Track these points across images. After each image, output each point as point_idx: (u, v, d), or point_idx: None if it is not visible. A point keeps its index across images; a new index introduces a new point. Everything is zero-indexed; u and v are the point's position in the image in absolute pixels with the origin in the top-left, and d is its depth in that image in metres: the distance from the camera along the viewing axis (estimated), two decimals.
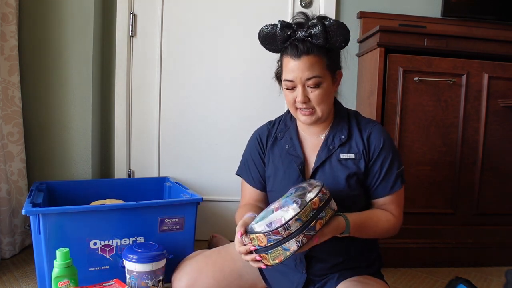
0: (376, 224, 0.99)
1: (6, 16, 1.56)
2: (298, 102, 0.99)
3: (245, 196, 1.18)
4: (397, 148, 1.09)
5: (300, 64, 0.95)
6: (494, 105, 1.65)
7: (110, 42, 1.88)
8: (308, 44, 0.95)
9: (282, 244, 0.81)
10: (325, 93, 0.98)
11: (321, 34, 0.93)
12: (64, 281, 1.05)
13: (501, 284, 1.51)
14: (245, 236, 0.86)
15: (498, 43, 1.64)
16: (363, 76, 1.81)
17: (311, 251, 1.02)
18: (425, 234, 1.66)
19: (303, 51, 0.95)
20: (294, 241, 0.80)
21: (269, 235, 0.81)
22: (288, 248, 0.81)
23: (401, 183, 1.03)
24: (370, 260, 1.08)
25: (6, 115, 1.59)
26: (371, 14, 1.88)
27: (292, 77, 0.97)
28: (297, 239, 0.80)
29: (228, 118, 1.92)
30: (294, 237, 0.80)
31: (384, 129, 1.07)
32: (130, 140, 1.93)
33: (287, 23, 0.98)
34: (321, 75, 0.96)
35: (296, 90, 0.98)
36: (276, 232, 0.80)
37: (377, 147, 1.02)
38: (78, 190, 1.65)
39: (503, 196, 1.70)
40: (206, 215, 1.90)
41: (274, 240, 0.81)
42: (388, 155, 1.02)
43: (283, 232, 0.80)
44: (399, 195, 1.04)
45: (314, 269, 1.04)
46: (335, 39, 0.95)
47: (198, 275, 1.12)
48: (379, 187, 1.03)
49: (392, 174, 1.02)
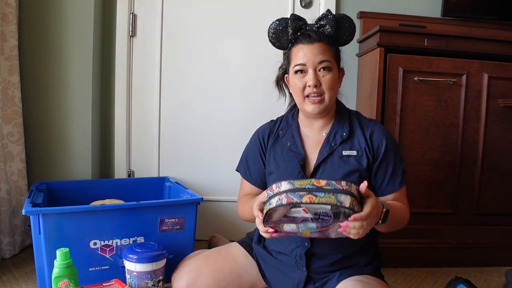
0: (403, 213, 1.04)
1: (6, 16, 1.56)
2: (309, 87, 1.01)
3: (244, 189, 1.21)
4: (398, 144, 1.12)
5: (313, 49, 1.00)
6: (494, 105, 1.65)
7: (110, 42, 1.88)
8: (320, 33, 1.02)
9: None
10: (335, 80, 1.03)
11: (332, 23, 1.01)
12: (64, 281, 1.05)
13: (501, 284, 1.51)
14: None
15: (498, 43, 1.64)
16: (363, 76, 1.81)
17: (311, 248, 1.03)
18: (425, 234, 1.66)
19: (315, 39, 1.01)
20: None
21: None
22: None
23: (405, 177, 1.08)
24: (370, 257, 1.08)
25: (6, 115, 1.59)
26: (371, 14, 1.88)
27: (304, 61, 1.01)
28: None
29: (228, 118, 1.92)
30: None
31: (385, 128, 1.09)
32: (130, 140, 1.93)
33: (299, 16, 1.05)
34: (331, 61, 1.02)
35: (308, 75, 1.01)
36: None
37: (381, 146, 1.04)
38: (78, 190, 1.65)
39: (503, 196, 1.70)
40: (206, 215, 1.90)
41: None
42: (392, 153, 1.05)
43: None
44: (405, 191, 1.09)
45: (314, 266, 1.04)
46: (343, 30, 1.04)
47: (198, 274, 1.12)
48: (388, 185, 1.05)
49: (398, 170, 1.06)
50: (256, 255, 1.17)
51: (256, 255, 1.17)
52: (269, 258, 1.12)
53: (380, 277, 1.07)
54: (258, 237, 1.18)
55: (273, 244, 1.12)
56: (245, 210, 1.13)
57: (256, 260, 1.17)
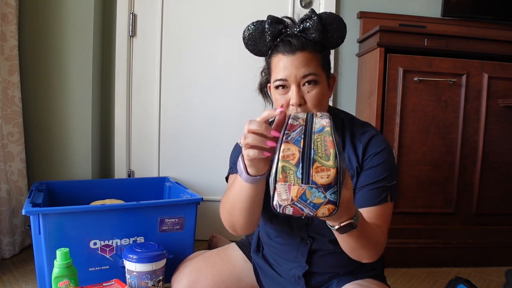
0: (373, 232, 0.82)
1: (6, 16, 1.56)
2: (293, 106, 0.85)
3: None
4: (395, 162, 0.95)
5: (295, 61, 0.84)
6: (494, 105, 1.65)
7: (110, 42, 1.88)
8: (303, 39, 0.85)
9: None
10: (322, 93, 0.87)
11: (317, 27, 0.83)
12: (64, 281, 1.05)
13: (501, 284, 1.51)
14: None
15: (498, 43, 1.64)
16: (363, 76, 1.81)
17: (309, 268, 0.98)
18: (425, 234, 1.66)
19: (298, 47, 0.84)
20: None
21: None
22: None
23: (389, 198, 0.89)
24: (372, 266, 1.02)
25: (6, 115, 1.59)
26: (371, 14, 1.88)
27: (285, 75, 0.84)
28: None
29: (228, 118, 1.92)
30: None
31: (382, 139, 0.94)
32: (130, 140, 1.93)
33: (278, 18, 0.88)
34: (318, 73, 0.85)
35: (290, 92, 0.85)
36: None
37: (373, 153, 0.91)
38: (78, 190, 1.65)
39: (503, 196, 1.70)
40: (206, 215, 1.90)
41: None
42: (381, 162, 0.90)
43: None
44: (386, 211, 0.89)
45: (314, 282, 1.00)
46: (331, 33, 0.86)
47: (197, 277, 1.11)
48: (364, 194, 0.89)
49: (381, 183, 0.89)
50: (254, 264, 1.13)
51: (254, 264, 1.13)
52: (267, 269, 1.08)
53: (382, 280, 1.03)
54: (256, 246, 1.13)
55: (270, 257, 1.08)
56: (228, 199, 0.89)
57: (254, 268, 1.13)
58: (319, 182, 0.58)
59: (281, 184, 0.59)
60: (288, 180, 0.59)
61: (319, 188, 0.58)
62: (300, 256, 0.99)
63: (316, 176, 0.58)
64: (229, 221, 0.92)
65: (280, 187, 0.59)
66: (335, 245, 0.86)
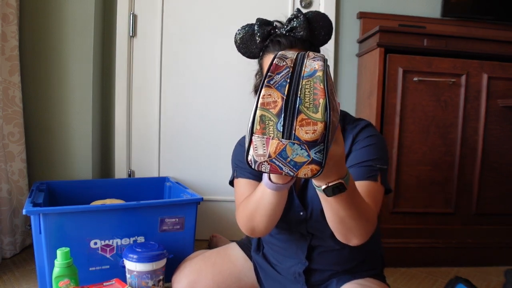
0: (364, 204, 0.76)
1: (7, 16, 1.56)
2: None
3: (242, 191, 1.02)
4: (386, 149, 0.94)
5: None
6: (494, 105, 1.65)
7: (110, 42, 1.88)
8: (291, 38, 0.89)
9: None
10: None
11: (304, 25, 0.87)
12: (65, 281, 1.05)
13: (500, 284, 1.51)
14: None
15: (497, 43, 1.64)
16: (363, 76, 1.82)
17: (309, 265, 0.98)
18: (425, 234, 1.66)
19: (287, 46, 0.88)
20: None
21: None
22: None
23: (379, 178, 0.87)
24: (372, 265, 1.04)
25: (6, 115, 1.59)
26: (371, 14, 1.88)
27: None
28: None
29: (228, 118, 1.92)
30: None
31: (373, 129, 0.94)
32: (130, 140, 1.93)
33: (266, 20, 0.92)
34: None
35: None
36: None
37: (363, 137, 0.91)
38: (79, 190, 1.65)
39: (503, 196, 1.70)
40: (206, 215, 1.90)
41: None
42: (371, 144, 0.89)
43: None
44: (376, 190, 0.86)
45: (313, 280, 1.01)
46: (318, 31, 0.90)
47: (198, 277, 1.11)
48: (352, 171, 0.86)
49: (370, 162, 0.87)
50: (255, 263, 1.14)
51: (255, 264, 1.14)
52: (268, 268, 1.09)
53: (381, 279, 1.04)
54: (257, 245, 1.14)
55: (271, 256, 1.08)
56: (249, 204, 0.87)
57: (254, 267, 1.14)
58: (303, 137, 0.49)
59: (258, 137, 0.50)
60: (266, 133, 0.50)
61: (303, 144, 0.49)
62: (300, 251, 1.00)
63: (300, 130, 0.49)
64: (249, 226, 0.90)
65: (256, 140, 0.51)
66: (334, 241, 0.86)
